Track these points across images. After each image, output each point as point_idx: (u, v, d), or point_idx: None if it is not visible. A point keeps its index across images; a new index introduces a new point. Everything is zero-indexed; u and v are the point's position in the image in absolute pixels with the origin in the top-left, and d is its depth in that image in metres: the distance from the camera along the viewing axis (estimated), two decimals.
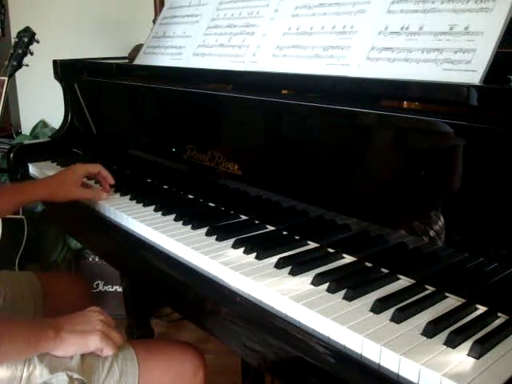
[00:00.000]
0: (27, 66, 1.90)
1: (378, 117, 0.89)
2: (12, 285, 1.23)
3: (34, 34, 1.87)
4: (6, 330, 0.87)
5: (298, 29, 1.11)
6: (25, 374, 0.91)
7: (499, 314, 0.76)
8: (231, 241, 1.02)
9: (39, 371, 0.91)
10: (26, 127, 2.70)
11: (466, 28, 0.84)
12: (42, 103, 2.63)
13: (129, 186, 1.37)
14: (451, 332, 0.71)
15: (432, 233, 0.85)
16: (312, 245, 1.03)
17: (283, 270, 0.91)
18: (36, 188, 1.31)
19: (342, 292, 0.82)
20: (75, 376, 0.93)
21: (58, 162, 1.65)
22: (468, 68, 0.82)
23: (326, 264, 0.93)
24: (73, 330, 0.95)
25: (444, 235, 0.84)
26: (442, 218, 0.84)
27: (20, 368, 0.91)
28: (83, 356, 0.96)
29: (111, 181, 1.34)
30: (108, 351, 0.97)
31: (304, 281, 0.87)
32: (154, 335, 1.97)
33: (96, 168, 1.35)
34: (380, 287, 0.85)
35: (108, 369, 0.97)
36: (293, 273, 0.89)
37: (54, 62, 1.74)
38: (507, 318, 0.76)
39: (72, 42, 2.54)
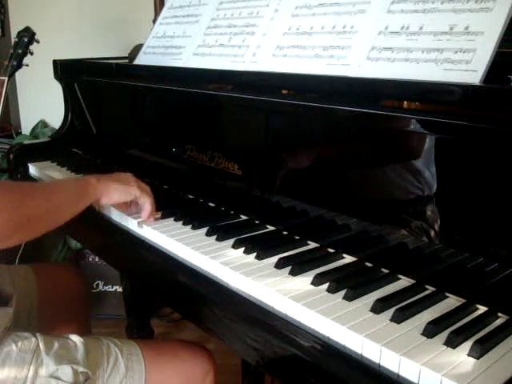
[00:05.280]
0: (27, 65, 1.90)
1: (378, 117, 0.89)
2: (7, 280, 1.21)
3: (34, 33, 1.86)
4: (56, 185, 1.06)
5: (298, 29, 1.11)
6: (32, 367, 0.92)
7: (499, 314, 0.76)
8: (231, 241, 1.02)
9: (46, 363, 0.92)
10: (26, 127, 2.70)
11: (466, 28, 0.84)
12: (42, 103, 2.63)
13: None
14: (451, 332, 0.71)
15: (432, 233, 0.85)
16: (312, 245, 1.02)
17: (283, 270, 0.91)
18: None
19: (342, 292, 0.82)
20: (80, 369, 0.93)
21: (58, 162, 1.65)
22: (468, 68, 0.82)
23: (326, 264, 0.93)
24: (113, 180, 1.09)
25: (444, 235, 0.84)
26: (442, 218, 0.83)
27: (28, 360, 0.92)
28: (88, 350, 0.97)
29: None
30: (144, 199, 1.11)
31: (304, 281, 0.87)
32: (153, 335, 1.97)
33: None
34: (380, 287, 0.85)
35: (113, 364, 0.98)
36: (293, 273, 0.89)
37: (54, 61, 1.74)
38: (507, 318, 0.76)
39: (72, 41, 2.54)
